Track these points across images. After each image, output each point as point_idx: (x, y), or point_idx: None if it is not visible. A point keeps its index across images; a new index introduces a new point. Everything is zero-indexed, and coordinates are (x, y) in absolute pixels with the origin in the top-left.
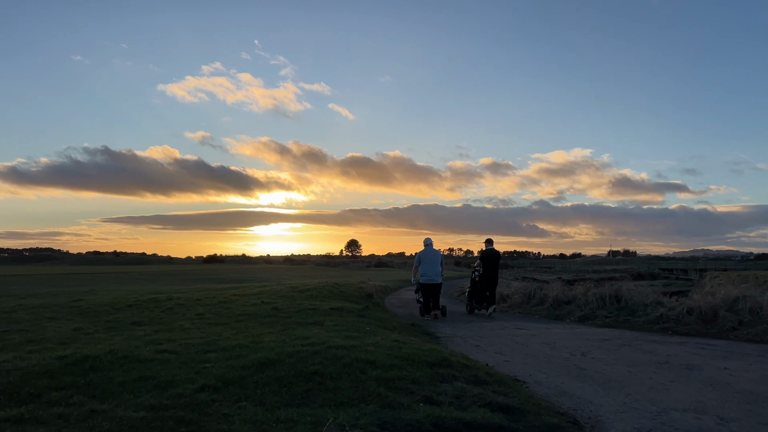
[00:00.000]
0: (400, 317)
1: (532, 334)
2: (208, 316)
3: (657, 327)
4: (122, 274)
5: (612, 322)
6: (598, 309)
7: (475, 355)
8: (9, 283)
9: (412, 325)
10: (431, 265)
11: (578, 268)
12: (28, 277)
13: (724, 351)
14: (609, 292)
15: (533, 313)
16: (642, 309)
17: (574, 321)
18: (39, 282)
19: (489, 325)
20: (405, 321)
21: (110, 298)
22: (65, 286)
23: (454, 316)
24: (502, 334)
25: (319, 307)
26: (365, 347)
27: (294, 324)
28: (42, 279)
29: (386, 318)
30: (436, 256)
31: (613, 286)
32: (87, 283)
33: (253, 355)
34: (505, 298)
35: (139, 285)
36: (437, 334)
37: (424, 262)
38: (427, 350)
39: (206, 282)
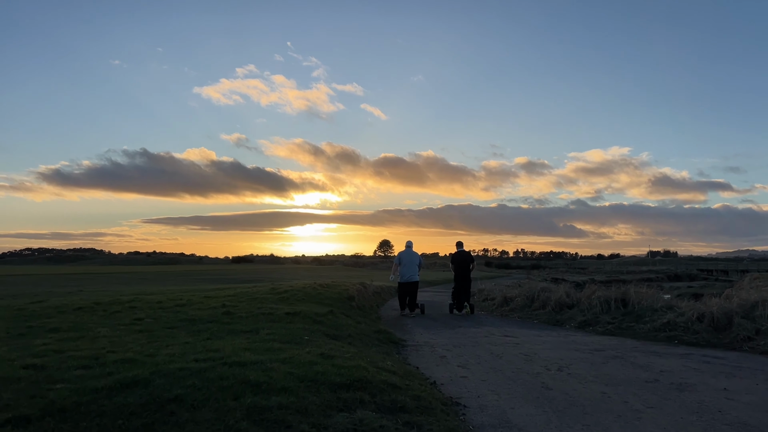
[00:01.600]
0: (384, 320)
1: (516, 343)
2: (146, 321)
3: (662, 335)
4: (135, 274)
5: (614, 329)
6: (602, 314)
7: (432, 369)
8: (6, 283)
9: (378, 332)
10: (410, 266)
11: (613, 269)
12: (34, 276)
13: (731, 365)
14: (615, 296)
15: (533, 317)
16: (650, 314)
17: (573, 327)
18: (35, 282)
19: (473, 332)
20: (383, 326)
21: (69, 300)
22: (60, 285)
23: (445, 319)
24: (481, 343)
25: (276, 312)
26: (270, 363)
27: (226, 332)
28: (44, 278)
29: (347, 324)
30: (414, 258)
31: (620, 289)
32: (87, 283)
33: (123, 373)
34: (508, 301)
35: (133, 286)
36: (407, 342)
37: (404, 263)
38: (349, 367)
39: (209, 282)
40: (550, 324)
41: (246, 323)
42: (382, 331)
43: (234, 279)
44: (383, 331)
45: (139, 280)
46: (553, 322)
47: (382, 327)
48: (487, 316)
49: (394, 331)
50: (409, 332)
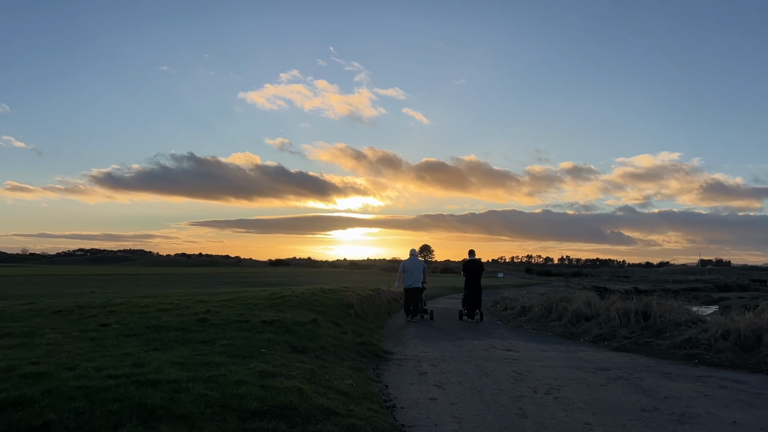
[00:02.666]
0: (387, 329)
1: (515, 359)
2: (111, 328)
3: (681, 353)
4: (165, 275)
5: (630, 345)
6: (620, 327)
7: (403, 389)
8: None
9: (363, 343)
10: (414, 273)
11: (659, 277)
12: (66, 276)
13: (751, 392)
14: (636, 308)
15: (548, 329)
16: (672, 329)
17: (587, 341)
18: (59, 282)
19: (474, 344)
20: (377, 336)
21: (58, 303)
22: (80, 286)
23: (451, 327)
24: (476, 357)
25: (254, 320)
26: (187, 382)
27: (180, 342)
28: (73, 279)
29: (327, 335)
30: (418, 265)
31: (641, 300)
32: (110, 284)
33: (16, 390)
34: (525, 311)
35: (150, 288)
36: (393, 356)
37: (407, 271)
38: (281, 389)
39: (227, 285)
40: (564, 337)
41: (210, 332)
42: (367, 342)
43: (252, 282)
44: (369, 342)
45: (162, 283)
46: (567, 335)
47: (373, 338)
48: (500, 326)
49: (387, 342)
50: (404, 343)
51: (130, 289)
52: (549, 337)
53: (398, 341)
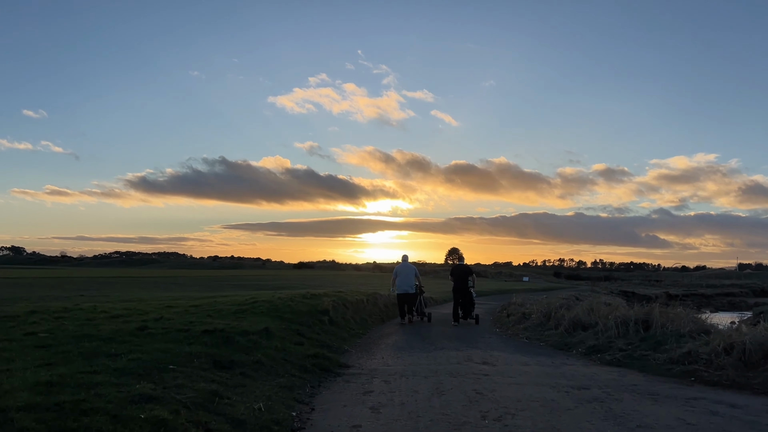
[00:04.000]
0: (368, 336)
1: (486, 374)
2: (38, 336)
3: (678, 369)
4: (176, 278)
5: (623, 358)
6: (617, 338)
7: (329, 412)
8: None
9: (314, 356)
10: (406, 278)
11: (693, 281)
12: (78, 279)
13: (746, 419)
14: (636, 317)
15: (543, 338)
16: (673, 341)
17: (580, 353)
18: (64, 284)
19: (450, 356)
20: (343, 346)
21: (18, 307)
22: (81, 290)
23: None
24: (442, 372)
25: (196, 329)
26: (13, 412)
27: (89, 355)
28: (80, 281)
29: (271, 347)
30: (409, 270)
31: (642, 309)
32: (108, 288)
33: None
34: (526, 317)
35: (142, 291)
36: (347, 370)
37: (400, 276)
38: (136, 420)
39: (227, 288)
40: (557, 347)
41: (134, 343)
42: (322, 355)
43: (258, 286)
44: (324, 355)
45: (166, 286)
46: (561, 345)
47: (339, 348)
48: (495, 334)
49: (354, 354)
50: (372, 354)
51: (122, 293)
52: (541, 347)
53: (368, 352)
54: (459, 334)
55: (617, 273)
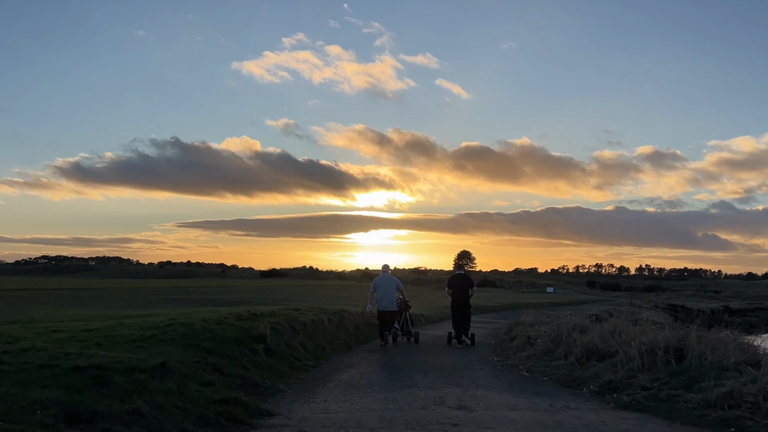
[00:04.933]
0: (328, 365)
1: (455, 424)
2: None
3: (714, 416)
4: (96, 290)
5: (646, 400)
6: (641, 371)
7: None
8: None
9: (224, 401)
10: (386, 292)
11: (761, 292)
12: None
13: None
14: (666, 343)
15: (548, 371)
16: (711, 377)
17: (592, 392)
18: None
19: (415, 397)
20: (282, 384)
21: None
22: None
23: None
24: (394, 422)
25: (67, 364)
26: None
27: None
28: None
29: (163, 390)
30: (390, 283)
31: (676, 333)
32: (10, 303)
33: None
34: (530, 342)
35: (55, 308)
36: (262, 424)
37: (379, 290)
38: None
39: (161, 304)
40: (563, 384)
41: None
42: (233, 400)
43: (195, 301)
44: (236, 400)
45: (87, 300)
46: (569, 380)
47: (269, 389)
48: (487, 363)
49: (289, 395)
50: (315, 395)
51: (17, 311)
52: (542, 383)
53: (309, 392)
54: (442, 364)
55: (667, 282)
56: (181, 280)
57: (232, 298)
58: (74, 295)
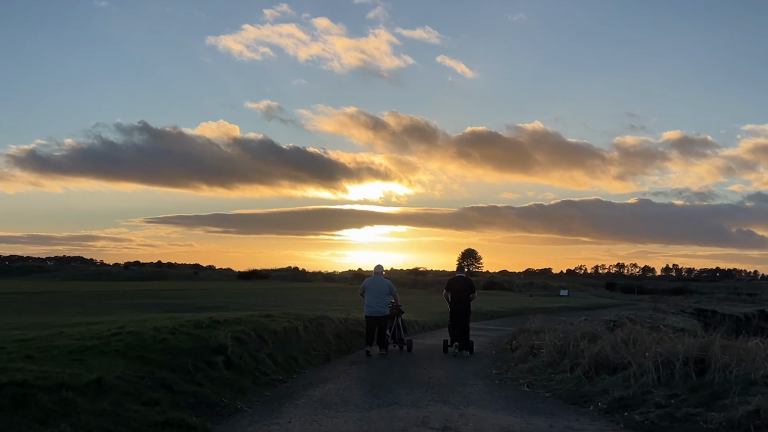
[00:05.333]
0: (278, 389)
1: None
2: None
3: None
4: (44, 293)
5: (661, 419)
6: (657, 386)
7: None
8: None
9: (167, 423)
10: (377, 295)
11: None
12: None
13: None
14: (685, 354)
15: (551, 385)
16: (736, 392)
17: (600, 410)
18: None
19: (393, 417)
20: (242, 402)
21: None
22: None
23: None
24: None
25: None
26: None
27: None
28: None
29: (92, 411)
30: (382, 286)
31: (697, 342)
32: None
33: None
34: (533, 352)
35: (2, 316)
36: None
37: (369, 292)
38: None
39: (105, 311)
40: (568, 400)
41: None
42: (179, 422)
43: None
44: (182, 422)
45: (33, 306)
46: (574, 396)
47: (202, 415)
48: (483, 377)
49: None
50: (276, 417)
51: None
52: (544, 400)
53: (273, 412)
54: (432, 377)
55: (696, 284)
56: (148, 282)
57: (202, 303)
58: (20, 299)
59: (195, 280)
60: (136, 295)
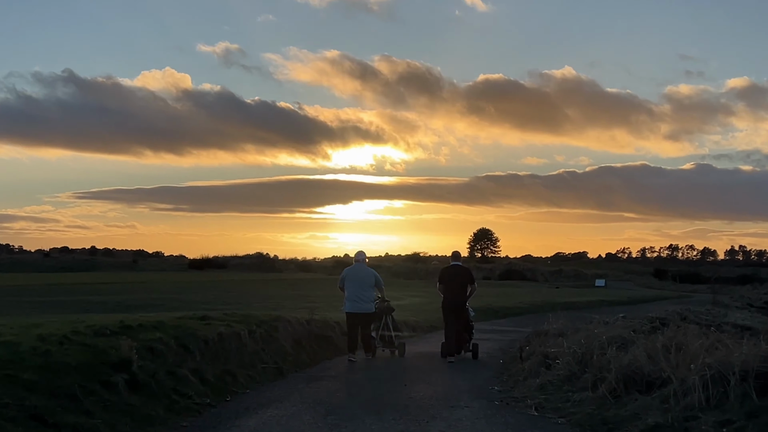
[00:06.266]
0: (200, 416)
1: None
2: None
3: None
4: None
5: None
6: (705, 409)
7: None
8: None
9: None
10: (359, 289)
11: None
12: None
13: None
14: (742, 366)
15: (566, 408)
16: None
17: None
18: None
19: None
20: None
21: None
22: None
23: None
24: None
25: None
26: None
27: None
28: None
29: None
30: (366, 277)
31: (758, 349)
32: None
33: None
34: (548, 363)
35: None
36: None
37: (350, 284)
38: None
39: (16, 311)
40: (588, 428)
41: None
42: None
43: (74, 304)
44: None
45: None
46: (596, 424)
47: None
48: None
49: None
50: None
51: None
52: (556, 427)
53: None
54: (412, 397)
55: (750, 270)
56: (73, 274)
57: (132, 301)
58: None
59: (134, 271)
60: (52, 290)
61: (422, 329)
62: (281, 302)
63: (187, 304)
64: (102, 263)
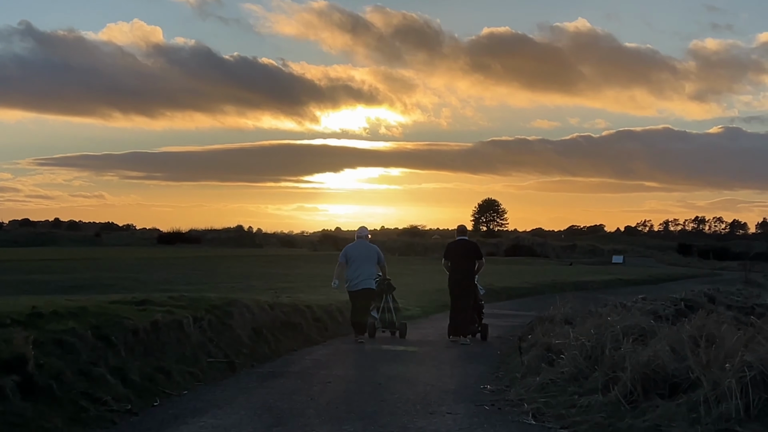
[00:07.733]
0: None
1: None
2: None
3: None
4: None
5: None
6: (742, 420)
7: None
8: None
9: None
10: (361, 266)
11: None
12: None
13: None
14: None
15: (571, 416)
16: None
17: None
18: None
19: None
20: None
21: None
22: None
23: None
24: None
25: None
26: None
27: None
28: None
29: None
30: (369, 253)
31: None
32: None
33: None
34: (551, 357)
35: None
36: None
37: (352, 261)
38: None
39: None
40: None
41: None
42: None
43: (15, 284)
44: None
45: None
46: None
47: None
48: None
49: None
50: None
51: None
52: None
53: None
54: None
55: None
56: (26, 249)
57: (79, 281)
58: None
59: (96, 246)
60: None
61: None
62: (252, 282)
63: (143, 284)
64: (62, 237)
